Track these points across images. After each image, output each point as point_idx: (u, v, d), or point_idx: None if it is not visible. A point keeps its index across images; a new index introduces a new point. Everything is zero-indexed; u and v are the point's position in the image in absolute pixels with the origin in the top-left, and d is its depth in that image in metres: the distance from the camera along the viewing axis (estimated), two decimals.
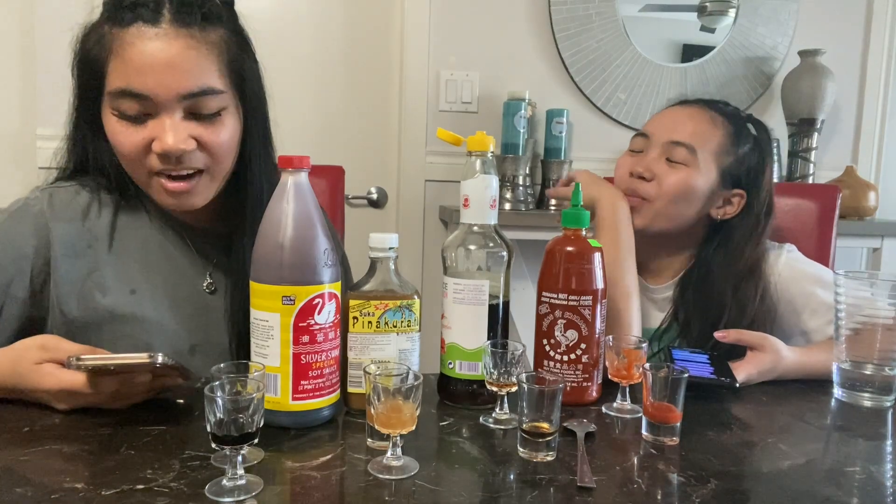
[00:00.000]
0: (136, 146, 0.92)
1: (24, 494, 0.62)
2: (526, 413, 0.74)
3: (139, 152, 0.93)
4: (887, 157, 2.55)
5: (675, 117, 1.23)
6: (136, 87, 0.90)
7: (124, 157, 0.95)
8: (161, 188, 0.95)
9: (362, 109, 2.35)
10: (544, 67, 2.36)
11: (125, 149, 0.93)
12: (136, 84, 0.89)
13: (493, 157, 0.90)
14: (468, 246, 0.89)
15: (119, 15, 0.91)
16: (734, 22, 2.42)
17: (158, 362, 0.76)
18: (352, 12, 2.31)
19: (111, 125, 0.93)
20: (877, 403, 0.96)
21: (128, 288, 0.99)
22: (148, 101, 0.90)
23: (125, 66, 0.90)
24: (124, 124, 0.92)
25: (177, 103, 0.91)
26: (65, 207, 0.99)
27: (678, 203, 1.17)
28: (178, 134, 0.91)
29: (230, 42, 0.96)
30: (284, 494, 0.66)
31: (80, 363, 0.76)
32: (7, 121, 2.19)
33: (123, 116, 0.92)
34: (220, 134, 0.95)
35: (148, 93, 0.90)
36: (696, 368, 0.97)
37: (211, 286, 1.05)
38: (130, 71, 0.90)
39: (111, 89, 0.91)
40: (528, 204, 2.24)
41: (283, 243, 0.78)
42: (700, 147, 1.18)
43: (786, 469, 0.75)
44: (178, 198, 0.96)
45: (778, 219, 1.24)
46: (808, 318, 1.17)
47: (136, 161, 0.94)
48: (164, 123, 0.91)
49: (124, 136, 0.92)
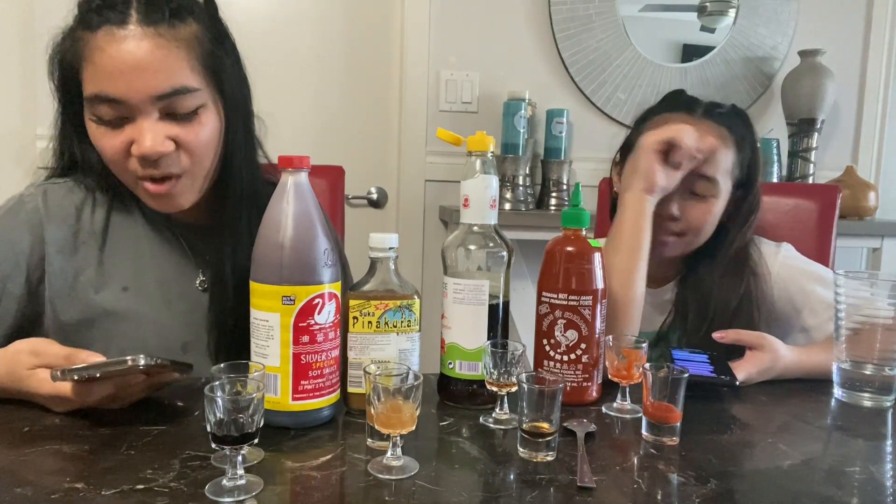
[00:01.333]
0: (117, 151, 0.92)
1: (24, 494, 0.62)
2: (526, 413, 0.74)
3: (120, 156, 0.93)
4: (887, 157, 2.55)
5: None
6: (108, 92, 0.89)
7: (108, 162, 0.95)
8: (145, 192, 0.95)
9: (362, 109, 2.35)
10: (544, 67, 2.36)
11: (107, 154, 0.93)
12: (109, 89, 0.89)
13: (493, 157, 0.90)
14: (468, 246, 0.89)
15: (88, 18, 0.90)
16: (734, 22, 2.42)
17: (141, 365, 0.75)
18: (352, 12, 2.31)
19: (91, 130, 0.94)
20: (877, 403, 0.96)
21: (120, 285, 0.98)
22: (122, 105, 0.89)
23: (97, 71, 0.89)
24: (103, 129, 0.92)
25: (151, 105, 0.90)
26: (59, 205, 0.99)
27: (706, 230, 1.18)
28: (156, 136, 0.90)
29: (203, 38, 0.94)
30: (284, 494, 0.66)
31: (66, 375, 0.75)
32: (7, 121, 2.19)
33: (101, 122, 0.92)
34: (199, 133, 0.93)
35: (120, 97, 0.89)
36: (696, 368, 0.97)
37: (204, 283, 1.04)
38: (102, 76, 0.89)
39: (87, 95, 0.91)
40: (528, 204, 2.24)
41: (283, 243, 0.78)
42: (719, 174, 1.15)
43: (786, 469, 0.75)
44: (161, 201, 0.96)
45: (778, 219, 1.24)
46: (808, 316, 1.17)
47: (120, 164, 0.94)
48: (141, 127, 0.90)
49: (104, 140, 0.92)
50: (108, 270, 0.99)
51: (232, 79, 0.98)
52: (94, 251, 0.99)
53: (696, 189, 1.15)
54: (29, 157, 2.16)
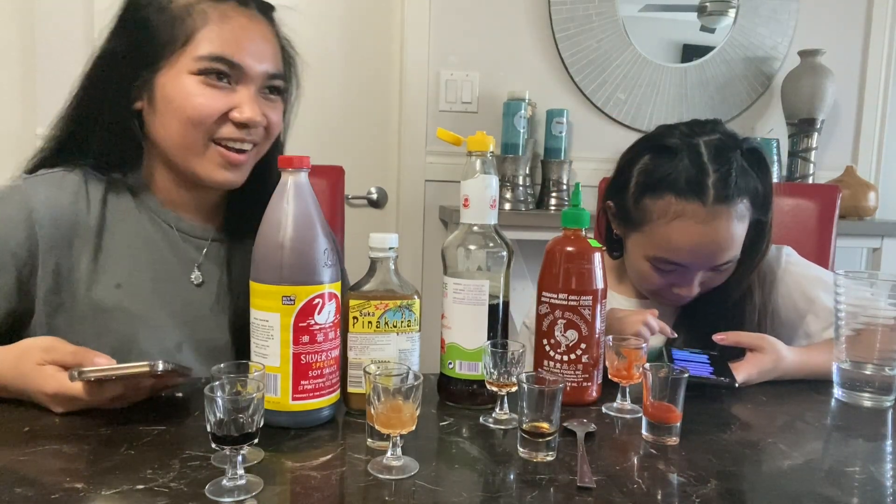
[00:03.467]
0: (216, 111, 0.96)
1: (24, 494, 0.62)
2: (526, 413, 0.74)
3: (215, 118, 0.96)
4: (887, 157, 2.55)
5: (710, 244, 1.08)
6: (233, 56, 0.96)
7: (193, 120, 0.96)
8: (220, 157, 0.98)
9: (362, 109, 2.35)
10: (544, 67, 2.36)
11: (202, 111, 0.96)
12: (234, 53, 0.96)
13: (493, 157, 0.90)
14: (468, 246, 0.89)
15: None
16: (734, 22, 2.42)
17: (160, 370, 0.76)
18: (352, 12, 2.31)
19: (191, 88, 0.95)
20: (877, 404, 0.96)
21: (113, 282, 0.98)
22: (237, 71, 0.96)
23: (222, 34, 0.96)
24: (209, 89, 0.96)
25: (259, 80, 0.99)
26: (50, 197, 0.97)
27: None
28: (256, 107, 0.98)
29: (279, 36, 1.05)
30: (284, 494, 0.66)
31: (84, 376, 0.76)
32: (7, 121, 2.19)
33: (208, 82, 0.96)
34: (279, 113, 1.04)
35: (243, 63, 0.96)
36: (696, 368, 0.97)
37: (198, 279, 1.04)
38: (229, 39, 0.96)
39: (203, 53, 0.95)
40: (528, 204, 2.24)
41: (283, 243, 0.78)
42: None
43: (786, 469, 0.75)
44: (234, 170, 1.00)
45: (778, 219, 1.23)
46: (812, 321, 1.17)
47: (204, 127, 0.96)
48: (247, 95, 0.98)
49: (206, 98, 0.96)
50: (102, 266, 0.98)
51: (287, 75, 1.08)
52: (88, 245, 0.98)
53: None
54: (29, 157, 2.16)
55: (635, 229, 1.14)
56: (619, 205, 1.18)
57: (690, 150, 1.09)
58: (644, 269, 1.14)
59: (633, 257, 1.16)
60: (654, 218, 1.10)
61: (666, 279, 1.13)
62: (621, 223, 1.19)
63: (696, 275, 1.12)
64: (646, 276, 1.15)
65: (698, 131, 1.12)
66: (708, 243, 1.07)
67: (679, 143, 1.10)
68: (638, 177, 1.13)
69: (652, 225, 1.11)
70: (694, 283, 1.12)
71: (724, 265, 1.11)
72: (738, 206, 1.07)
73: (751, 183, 1.09)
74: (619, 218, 1.19)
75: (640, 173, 1.13)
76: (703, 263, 1.10)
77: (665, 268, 1.11)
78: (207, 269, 1.05)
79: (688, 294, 1.13)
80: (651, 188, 1.11)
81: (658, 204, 1.09)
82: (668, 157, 1.10)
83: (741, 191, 1.07)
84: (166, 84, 0.96)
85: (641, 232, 1.13)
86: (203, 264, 1.05)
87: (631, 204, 1.14)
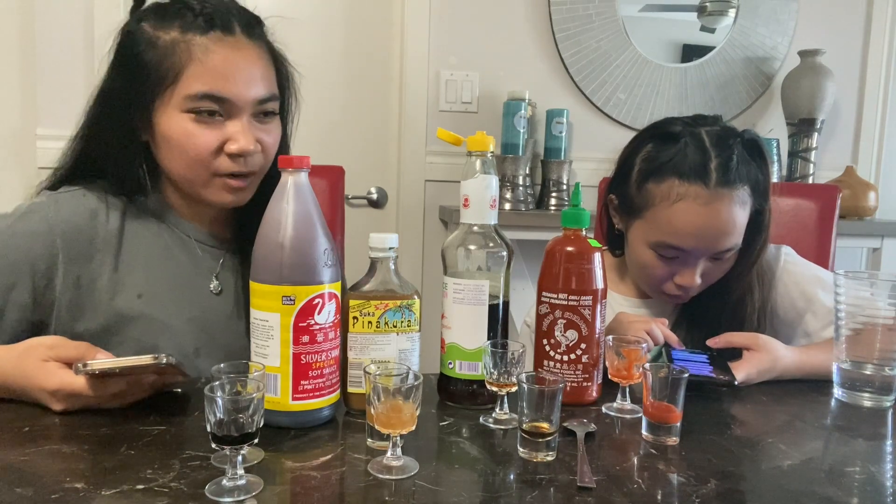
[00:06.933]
0: (210, 146, 0.97)
1: (24, 494, 0.62)
2: (526, 413, 0.74)
3: (211, 152, 0.97)
4: (887, 157, 2.55)
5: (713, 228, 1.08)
6: (220, 92, 0.95)
7: (192, 158, 0.97)
8: (224, 186, 1.00)
9: (362, 109, 2.35)
10: (544, 67, 2.36)
11: (199, 149, 0.96)
12: (221, 88, 0.95)
13: (493, 157, 0.90)
14: (468, 246, 0.89)
15: (196, 22, 0.96)
16: (734, 22, 2.43)
17: (164, 362, 0.77)
18: (352, 12, 2.31)
19: (184, 126, 0.96)
20: (877, 403, 0.96)
21: (135, 292, 0.99)
22: (226, 104, 0.96)
23: (206, 71, 0.95)
24: (200, 126, 0.96)
25: (250, 107, 0.98)
26: (73, 212, 0.99)
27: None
28: (249, 136, 0.98)
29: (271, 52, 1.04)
30: (284, 494, 0.66)
31: (88, 368, 0.77)
32: (7, 121, 2.19)
33: (200, 119, 0.96)
34: (274, 136, 1.03)
35: (231, 97, 0.96)
36: (696, 368, 0.97)
37: (217, 288, 1.05)
38: (214, 76, 0.95)
39: (190, 93, 0.95)
40: (528, 204, 2.24)
41: (283, 243, 0.78)
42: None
43: (785, 469, 0.75)
44: (237, 194, 1.01)
45: (778, 219, 1.23)
46: (811, 320, 1.17)
47: (203, 162, 0.97)
48: (238, 126, 0.97)
49: (200, 136, 0.96)
50: (123, 277, 1.00)
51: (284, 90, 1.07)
52: (109, 257, 0.99)
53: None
54: (29, 157, 2.16)
55: (638, 216, 1.15)
56: (621, 195, 1.18)
57: (693, 137, 1.11)
58: (646, 258, 1.14)
59: (636, 247, 1.16)
60: (657, 202, 1.10)
61: (668, 268, 1.13)
62: (623, 214, 1.19)
63: (697, 262, 1.11)
64: (647, 267, 1.15)
65: (700, 122, 1.14)
66: (710, 226, 1.08)
67: (682, 130, 1.12)
68: (641, 164, 1.14)
69: (655, 209, 1.11)
70: (696, 272, 1.12)
71: (726, 252, 1.11)
72: (740, 192, 1.08)
73: (752, 171, 1.11)
74: (622, 208, 1.19)
75: (644, 160, 1.14)
76: (706, 248, 1.10)
77: (667, 254, 1.11)
78: (224, 277, 1.07)
79: (689, 284, 1.12)
80: (654, 173, 1.11)
81: (661, 187, 1.10)
82: (671, 143, 1.11)
83: (742, 177, 1.08)
84: (162, 122, 0.97)
85: (644, 218, 1.13)
86: (220, 273, 1.06)
87: (634, 191, 1.14)
